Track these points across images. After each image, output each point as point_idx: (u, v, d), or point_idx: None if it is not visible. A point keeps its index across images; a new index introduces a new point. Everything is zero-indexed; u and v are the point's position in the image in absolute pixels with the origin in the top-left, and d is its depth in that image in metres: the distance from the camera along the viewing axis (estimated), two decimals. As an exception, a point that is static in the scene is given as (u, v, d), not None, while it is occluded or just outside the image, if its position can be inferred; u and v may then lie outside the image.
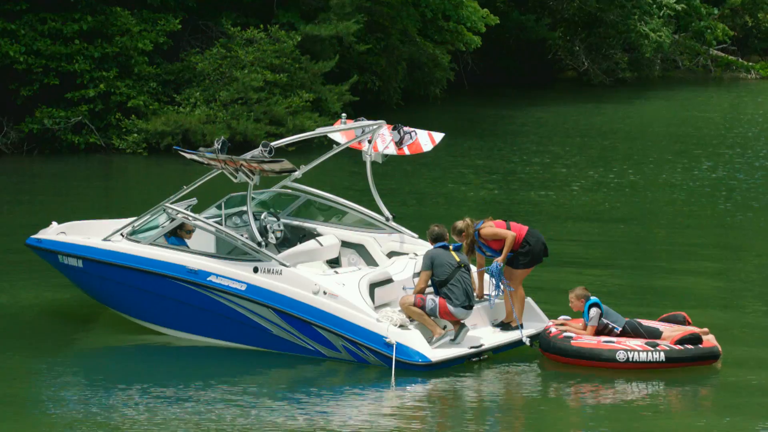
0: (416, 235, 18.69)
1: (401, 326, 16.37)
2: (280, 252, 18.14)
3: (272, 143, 17.06)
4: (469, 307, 16.82)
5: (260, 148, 16.96)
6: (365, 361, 16.50)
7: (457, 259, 16.95)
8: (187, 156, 17.75)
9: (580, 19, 62.38)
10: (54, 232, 19.34)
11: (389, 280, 17.43)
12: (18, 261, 22.62)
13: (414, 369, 16.11)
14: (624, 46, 62.56)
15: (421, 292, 16.83)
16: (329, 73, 41.63)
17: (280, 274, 16.95)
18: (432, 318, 16.78)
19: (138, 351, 17.97)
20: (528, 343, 17.17)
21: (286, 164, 16.72)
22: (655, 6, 60.78)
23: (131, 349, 18.08)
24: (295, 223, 19.32)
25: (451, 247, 17.06)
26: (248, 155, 17.02)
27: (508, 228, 17.51)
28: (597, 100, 55.43)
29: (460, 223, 17.59)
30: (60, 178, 35.02)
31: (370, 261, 18.67)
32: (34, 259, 20.16)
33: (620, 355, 16.31)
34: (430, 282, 16.88)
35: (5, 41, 36.91)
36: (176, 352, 17.76)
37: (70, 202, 31.10)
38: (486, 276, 17.77)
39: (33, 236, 19.45)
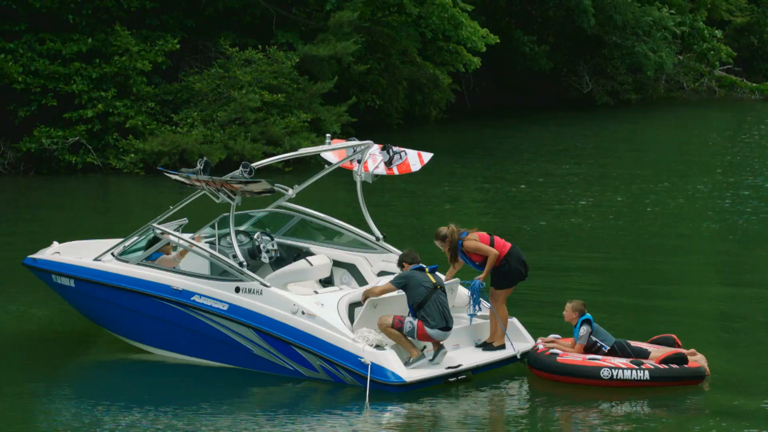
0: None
1: (377, 346, 16.35)
2: (274, 271, 18.18)
3: (253, 164, 17.11)
4: (447, 329, 16.77)
5: (240, 168, 17.01)
6: (342, 380, 16.50)
7: (433, 281, 16.91)
8: (172, 177, 17.82)
9: (582, 41, 62.40)
10: (51, 252, 19.44)
11: None
12: (15, 280, 22.80)
13: (389, 389, 16.10)
14: (629, 67, 62.58)
15: (375, 295, 16.81)
16: (329, 93, 41.73)
17: (261, 294, 16.99)
18: (410, 339, 16.76)
19: (123, 370, 18.07)
20: (519, 357, 17.19)
21: (265, 185, 16.75)
22: (654, 28, 60.79)
23: (117, 368, 18.17)
24: (290, 242, 19.37)
25: (427, 269, 17.05)
26: (228, 176, 17.07)
27: (492, 242, 17.47)
28: (600, 121, 55.44)
29: (443, 229, 17.61)
30: (58, 198, 35.14)
31: (362, 281, 18.71)
32: (32, 278, 20.28)
33: (605, 373, 16.30)
34: (407, 304, 16.87)
35: (7, 58, 37.04)
36: (161, 371, 17.82)
37: (68, 221, 31.19)
38: (466, 292, 17.83)
39: (30, 256, 19.55)
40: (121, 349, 18.61)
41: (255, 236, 19.01)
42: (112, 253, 18.64)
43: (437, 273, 17.14)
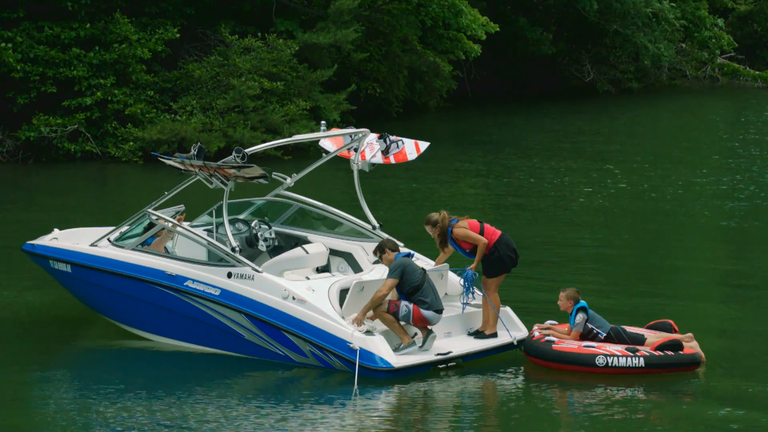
0: (402, 244, 18.64)
1: (367, 332, 16.38)
2: (272, 259, 18.21)
3: (246, 149, 17.09)
4: (440, 311, 16.86)
5: (234, 154, 17.02)
6: (331, 366, 16.56)
7: (420, 266, 17.06)
8: (166, 162, 17.87)
9: (584, 29, 62.28)
10: (50, 239, 19.55)
11: None
12: (14, 266, 22.97)
13: (377, 375, 16.15)
14: (631, 55, 62.44)
15: (382, 299, 16.77)
16: (329, 81, 41.67)
17: (252, 279, 17.03)
18: (403, 325, 16.77)
19: (117, 355, 18.21)
20: (516, 344, 17.19)
21: (258, 170, 16.77)
22: (654, 21, 60.63)
23: (111, 354, 18.31)
24: (288, 231, 19.42)
25: (410, 255, 17.17)
26: (221, 161, 17.09)
27: (482, 231, 17.48)
28: (601, 110, 55.34)
29: (435, 215, 17.68)
30: (57, 186, 35.14)
31: (358, 269, 18.77)
32: (31, 264, 20.42)
33: (600, 360, 16.34)
34: (398, 292, 16.88)
35: (7, 47, 36.98)
36: (154, 357, 17.94)
37: (66, 209, 31.24)
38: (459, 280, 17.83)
39: (29, 242, 19.64)
40: (115, 335, 18.73)
41: (253, 224, 19.12)
42: (108, 239, 18.75)
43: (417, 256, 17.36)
